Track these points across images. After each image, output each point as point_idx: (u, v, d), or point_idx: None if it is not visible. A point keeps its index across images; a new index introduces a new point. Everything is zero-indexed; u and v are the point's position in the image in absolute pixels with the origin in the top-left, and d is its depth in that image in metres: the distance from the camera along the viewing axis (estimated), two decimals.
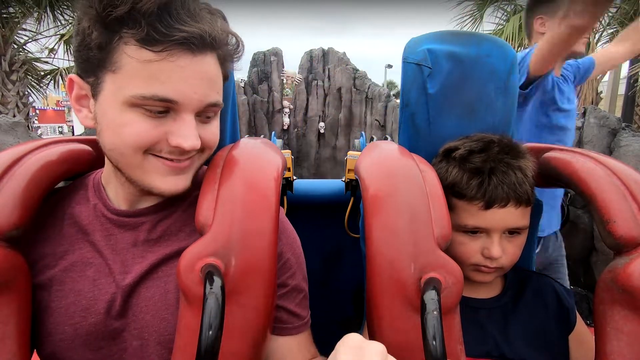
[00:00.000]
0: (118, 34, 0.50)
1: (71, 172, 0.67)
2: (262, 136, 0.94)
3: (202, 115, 0.58)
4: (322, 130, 8.41)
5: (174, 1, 0.50)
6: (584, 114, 3.31)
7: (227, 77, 0.63)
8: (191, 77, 0.53)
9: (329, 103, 8.39)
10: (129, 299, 0.59)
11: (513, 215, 0.69)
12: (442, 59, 0.79)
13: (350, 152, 1.23)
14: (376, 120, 7.70)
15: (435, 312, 0.47)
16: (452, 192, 0.71)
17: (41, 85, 7.07)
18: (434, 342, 0.46)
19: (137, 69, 0.50)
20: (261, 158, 0.66)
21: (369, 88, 8.16)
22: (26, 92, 6.15)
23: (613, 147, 3.11)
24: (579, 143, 3.28)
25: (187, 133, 0.54)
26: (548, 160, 0.73)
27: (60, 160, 0.64)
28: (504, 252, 0.69)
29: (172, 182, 0.58)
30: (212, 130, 0.61)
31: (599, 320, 0.57)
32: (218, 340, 0.43)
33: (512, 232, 0.70)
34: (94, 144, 0.73)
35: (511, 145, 0.72)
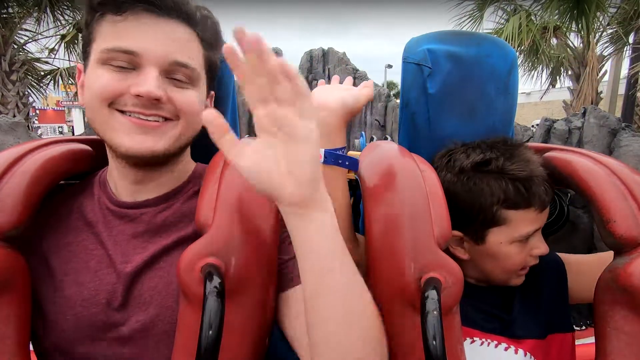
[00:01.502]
0: (97, 10, 0.58)
1: (71, 171, 0.67)
2: None
3: (172, 75, 0.59)
4: None
5: None
6: (584, 114, 3.31)
7: (214, 63, 0.67)
8: (153, 33, 0.58)
9: None
10: (130, 289, 0.60)
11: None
12: (442, 59, 0.79)
13: (350, 152, 1.23)
14: (376, 120, 7.68)
15: (435, 312, 0.47)
16: (506, 205, 0.68)
17: (41, 85, 7.07)
18: (434, 342, 0.46)
19: (107, 30, 0.58)
20: None
21: None
22: (26, 92, 6.16)
23: (613, 147, 3.11)
24: (579, 143, 3.28)
25: (145, 82, 0.56)
26: (548, 160, 0.73)
27: (60, 159, 0.64)
28: None
29: (137, 140, 0.58)
30: (188, 97, 0.61)
31: (599, 321, 0.57)
32: (218, 339, 0.43)
33: None
34: (94, 143, 0.73)
35: (521, 144, 0.73)
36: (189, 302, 0.51)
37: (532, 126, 4.84)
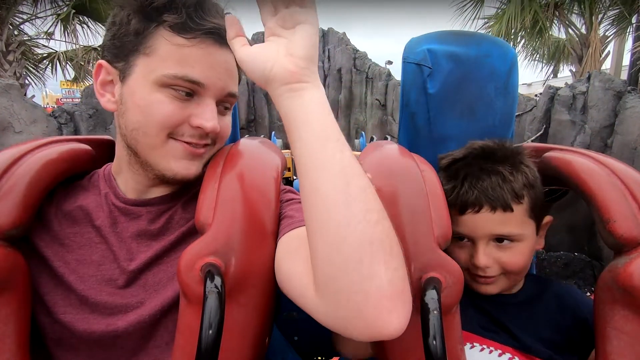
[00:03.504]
0: (155, 21, 0.57)
1: (71, 171, 0.67)
2: (262, 136, 0.94)
3: (221, 104, 0.63)
4: None
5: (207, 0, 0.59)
6: (589, 78, 3.24)
7: (240, 78, 0.68)
8: (217, 65, 0.60)
9: (328, 84, 8.17)
10: (134, 284, 0.60)
11: (491, 221, 0.68)
12: (442, 59, 0.79)
13: None
14: (376, 99, 7.54)
15: (435, 312, 0.47)
16: None
17: (38, 70, 7.05)
18: (434, 342, 0.46)
19: (170, 52, 0.57)
20: (261, 158, 0.67)
21: (369, 68, 7.98)
22: (23, 73, 6.13)
23: (618, 109, 3.04)
24: (584, 108, 3.21)
25: (209, 116, 0.59)
26: (548, 160, 0.73)
27: (60, 159, 0.64)
28: (496, 261, 0.68)
29: (185, 166, 0.62)
30: (227, 122, 0.66)
31: (599, 320, 0.57)
32: (218, 339, 0.43)
33: (502, 239, 0.69)
34: (94, 143, 0.73)
35: (491, 151, 0.71)
36: (188, 301, 0.51)
37: (536, 95, 4.73)
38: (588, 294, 2.92)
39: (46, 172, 0.60)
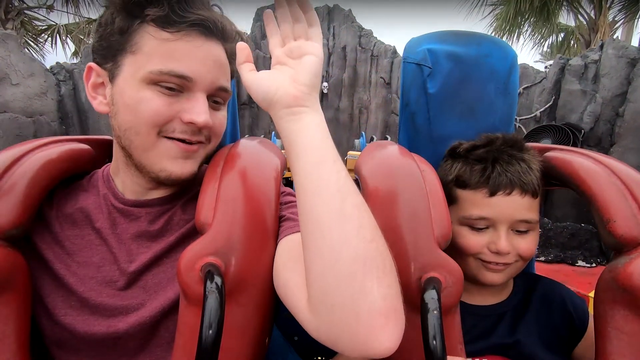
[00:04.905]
0: (139, 17, 0.56)
1: (71, 171, 0.67)
2: (262, 135, 0.94)
3: (211, 99, 0.62)
4: (325, 91, 7.76)
5: None
6: (601, 47, 3.18)
7: (233, 74, 0.67)
8: (205, 57, 0.58)
9: (333, 62, 7.95)
10: (134, 286, 0.60)
11: (519, 205, 0.68)
12: (443, 59, 0.79)
13: (350, 152, 1.23)
14: (381, 77, 7.42)
15: (435, 312, 0.47)
16: (456, 183, 0.71)
17: (37, 43, 7.01)
18: (435, 342, 0.46)
19: (155, 47, 0.56)
20: (261, 158, 0.67)
21: (374, 46, 7.86)
22: (22, 43, 6.09)
23: (632, 77, 2.96)
24: (595, 77, 3.14)
25: (199, 110, 0.58)
26: (548, 160, 0.73)
27: (60, 159, 0.64)
28: (515, 248, 0.68)
29: (180, 165, 0.61)
30: (220, 118, 0.65)
31: (599, 320, 0.57)
32: (218, 339, 0.43)
33: (521, 229, 0.69)
34: (94, 143, 0.73)
35: (515, 140, 0.73)
36: (188, 301, 0.51)
37: (546, 67, 4.60)
38: (594, 265, 2.92)
39: (46, 172, 0.60)
